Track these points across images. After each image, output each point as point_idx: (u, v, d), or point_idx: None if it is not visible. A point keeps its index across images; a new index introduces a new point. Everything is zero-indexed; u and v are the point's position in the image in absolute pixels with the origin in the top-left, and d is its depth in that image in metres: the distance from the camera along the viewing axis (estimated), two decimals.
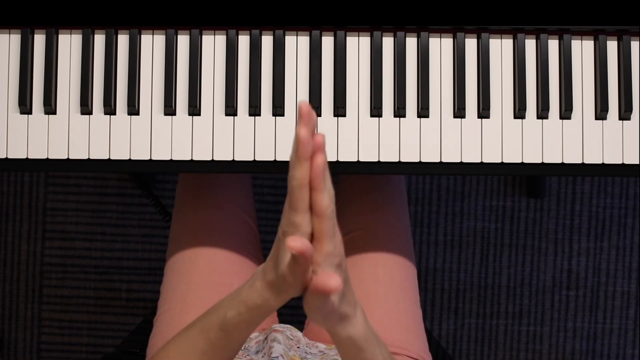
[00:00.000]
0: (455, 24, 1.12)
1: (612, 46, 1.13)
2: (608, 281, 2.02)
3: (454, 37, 1.13)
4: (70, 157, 1.11)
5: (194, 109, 1.12)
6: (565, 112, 1.12)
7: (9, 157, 1.11)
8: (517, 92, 1.13)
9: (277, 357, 1.07)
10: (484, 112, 1.12)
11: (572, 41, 1.13)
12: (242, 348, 1.17)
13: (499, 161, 1.12)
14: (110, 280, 2.00)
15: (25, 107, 1.11)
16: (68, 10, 1.11)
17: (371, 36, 1.13)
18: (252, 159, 1.12)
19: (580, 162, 1.12)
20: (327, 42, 1.13)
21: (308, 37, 1.13)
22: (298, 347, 1.16)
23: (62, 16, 1.11)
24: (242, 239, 1.31)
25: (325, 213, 0.78)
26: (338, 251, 0.80)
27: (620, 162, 1.12)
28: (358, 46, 1.13)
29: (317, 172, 0.77)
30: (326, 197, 0.78)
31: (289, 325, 1.21)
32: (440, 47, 1.13)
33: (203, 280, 1.25)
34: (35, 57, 1.12)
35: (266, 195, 1.97)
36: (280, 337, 1.13)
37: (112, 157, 1.11)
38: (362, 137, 1.12)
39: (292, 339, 1.17)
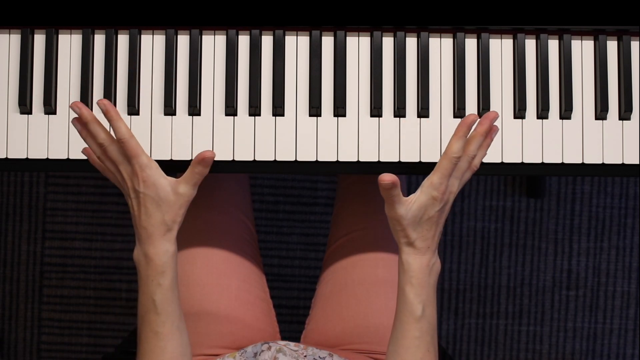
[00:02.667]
0: (455, 24, 1.12)
1: (612, 46, 1.13)
2: (608, 281, 2.01)
3: (454, 37, 1.13)
4: (70, 157, 1.11)
5: (194, 109, 1.12)
6: (565, 112, 1.12)
7: (9, 157, 1.11)
8: (517, 92, 1.13)
9: None
10: (484, 112, 1.12)
11: (572, 41, 1.13)
12: (240, 353, 1.17)
13: (499, 161, 1.12)
14: (110, 280, 2.00)
15: (25, 107, 1.11)
16: (68, 10, 1.11)
17: (371, 36, 1.13)
18: (252, 159, 1.12)
19: (580, 162, 1.12)
20: (327, 42, 1.13)
21: (308, 37, 1.13)
22: (305, 357, 1.15)
23: (62, 16, 1.11)
24: (239, 239, 1.31)
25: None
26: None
27: (620, 162, 1.12)
28: (358, 46, 1.13)
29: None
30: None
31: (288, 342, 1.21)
32: (440, 47, 1.13)
33: (201, 281, 1.25)
34: (35, 57, 1.12)
35: (266, 195, 1.97)
36: (286, 349, 1.13)
37: None
38: (362, 137, 1.12)
39: (297, 350, 1.16)
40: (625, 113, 1.13)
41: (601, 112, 1.12)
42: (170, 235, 1.04)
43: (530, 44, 1.14)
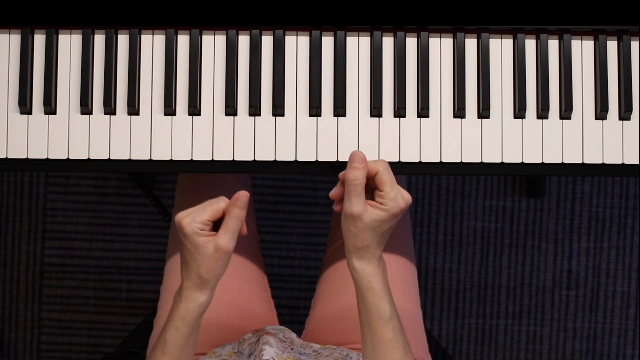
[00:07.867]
0: (455, 24, 1.12)
1: (612, 46, 1.13)
2: (608, 281, 2.01)
3: (454, 37, 1.13)
4: (70, 157, 1.11)
5: (194, 109, 1.12)
6: (565, 112, 1.12)
7: (9, 157, 1.11)
8: (517, 92, 1.13)
9: (268, 359, 1.07)
10: (484, 112, 1.12)
11: (572, 41, 1.13)
12: (236, 351, 1.17)
13: (499, 161, 1.12)
14: (110, 280, 2.00)
15: (25, 107, 1.11)
16: (68, 10, 1.11)
17: (371, 36, 1.13)
18: (252, 159, 1.12)
19: (580, 162, 1.12)
20: (327, 42, 1.13)
21: (308, 37, 1.13)
22: (292, 349, 1.15)
23: (62, 16, 1.11)
24: (241, 239, 1.31)
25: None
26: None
27: (620, 162, 1.12)
28: (358, 46, 1.13)
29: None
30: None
31: (282, 327, 1.21)
32: (440, 47, 1.13)
33: None
34: (35, 57, 1.12)
35: (266, 195, 1.97)
36: (273, 340, 1.13)
37: (112, 157, 1.11)
38: (362, 137, 1.12)
39: (285, 341, 1.16)
40: (625, 113, 1.13)
41: (601, 112, 1.12)
42: (206, 287, 0.99)
43: (530, 44, 1.13)
